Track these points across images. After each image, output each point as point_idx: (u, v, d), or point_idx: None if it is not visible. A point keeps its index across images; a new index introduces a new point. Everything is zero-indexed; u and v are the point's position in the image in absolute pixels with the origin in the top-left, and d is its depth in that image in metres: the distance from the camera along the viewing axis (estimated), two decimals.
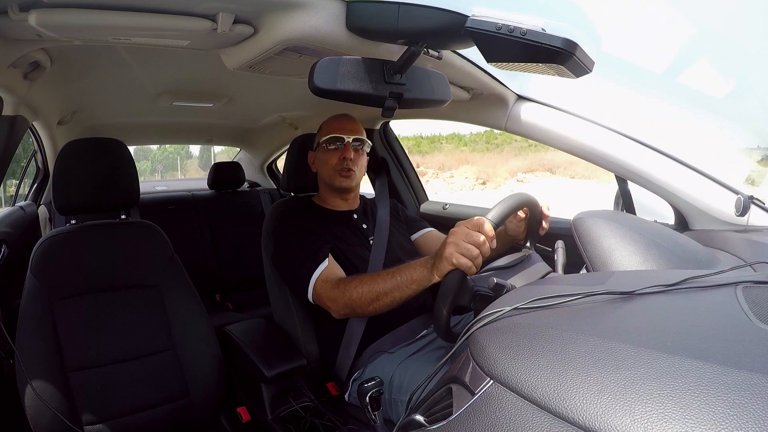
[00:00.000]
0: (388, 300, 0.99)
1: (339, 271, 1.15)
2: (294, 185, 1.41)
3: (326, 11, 0.79)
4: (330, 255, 1.16)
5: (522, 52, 0.68)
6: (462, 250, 0.86)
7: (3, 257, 1.41)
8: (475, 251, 0.86)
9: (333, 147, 1.26)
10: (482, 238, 0.87)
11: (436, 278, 0.92)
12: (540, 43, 0.66)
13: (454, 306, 0.86)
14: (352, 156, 1.26)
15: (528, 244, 1.12)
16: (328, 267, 1.13)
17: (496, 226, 0.90)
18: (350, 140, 1.26)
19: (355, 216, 1.33)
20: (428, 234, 1.44)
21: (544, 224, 1.09)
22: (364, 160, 1.31)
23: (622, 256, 0.78)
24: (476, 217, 0.89)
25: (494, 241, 0.89)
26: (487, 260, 0.93)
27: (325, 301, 1.10)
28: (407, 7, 0.74)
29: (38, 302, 1.07)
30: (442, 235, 1.44)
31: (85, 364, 1.08)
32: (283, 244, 1.23)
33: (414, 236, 1.43)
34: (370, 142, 1.32)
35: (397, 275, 0.98)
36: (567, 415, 0.37)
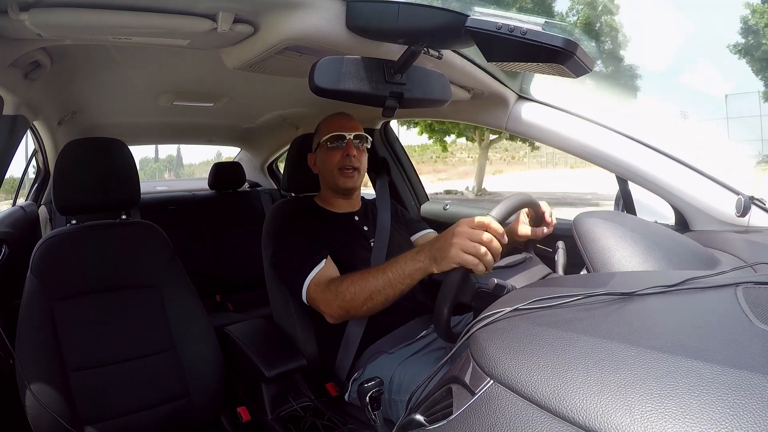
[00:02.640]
0: (382, 298, 0.98)
1: (334, 274, 1.14)
2: (294, 185, 1.41)
3: (326, 11, 0.79)
4: (328, 258, 1.15)
5: (522, 51, 0.68)
6: (467, 249, 0.84)
7: (3, 257, 1.41)
8: (482, 249, 0.84)
9: (334, 145, 1.24)
10: (487, 235, 0.85)
11: (435, 270, 0.90)
12: (540, 42, 0.66)
13: (455, 305, 0.86)
14: (354, 153, 1.24)
15: (530, 251, 1.12)
16: (322, 270, 1.12)
17: (501, 223, 0.88)
18: (351, 137, 1.25)
19: (357, 218, 1.33)
20: (427, 235, 1.44)
21: (545, 230, 1.09)
22: (365, 157, 1.30)
23: (622, 256, 0.78)
24: (479, 216, 0.87)
25: (504, 236, 0.87)
26: None
27: (319, 305, 1.09)
28: (407, 6, 0.74)
29: (38, 302, 1.07)
30: None
31: (85, 364, 1.08)
32: (282, 245, 1.23)
33: (413, 237, 1.43)
34: (370, 137, 1.32)
35: (388, 271, 0.97)
36: (567, 414, 0.37)
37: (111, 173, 1.19)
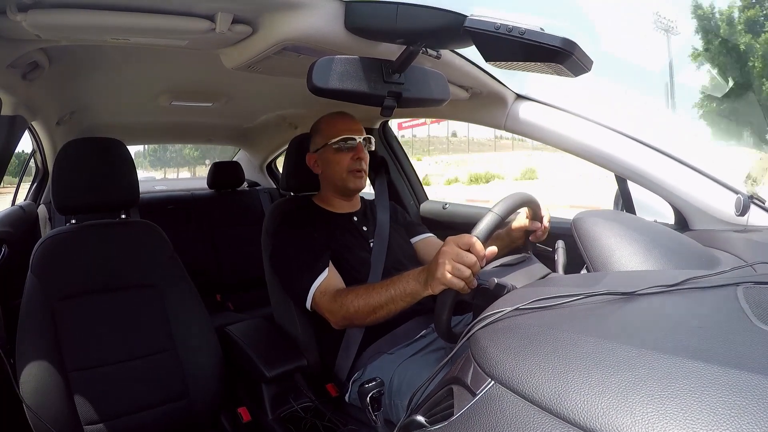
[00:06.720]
0: (384, 312, 1.00)
1: (338, 282, 1.15)
2: (293, 185, 1.41)
3: (325, 11, 0.79)
4: (330, 263, 1.16)
5: (521, 51, 0.68)
6: (454, 272, 0.84)
7: (3, 257, 1.41)
8: (467, 272, 0.84)
9: (345, 147, 1.24)
10: (473, 258, 0.85)
11: (430, 292, 0.91)
12: (539, 42, 0.66)
13: (455, 304, 0.86)
14: (365, 156, 1.26)
15: (529, 250, 1.11)
16: (327, 278, 1.13)
17: (496, 228, 0.88)
18: (361, 140, 1.25)
19: (356, 218, 1.33)
20: (427, 240, 1.43)
21: (538, 233, 1.09)
22: (368, 158, 1.31)
23: (622, 256, 0.78)
24: (466, 236, 0.87)
25: (485, 259, 0.87)
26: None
27: (324, 313, 1.11)
28: (406, 6, 0.74)
29: (38, 302, 1.07)
30: (441, 242, 1.43)
31: (85, 364, 1.07)
32: (282, 247, 1.22)
33: (413, 240, 1.42)
34: (374, 138, 1.32)
35: (390, 288, 0.98)
36: (568, 415, 0.37)
37: (110, 173, 1.19)
